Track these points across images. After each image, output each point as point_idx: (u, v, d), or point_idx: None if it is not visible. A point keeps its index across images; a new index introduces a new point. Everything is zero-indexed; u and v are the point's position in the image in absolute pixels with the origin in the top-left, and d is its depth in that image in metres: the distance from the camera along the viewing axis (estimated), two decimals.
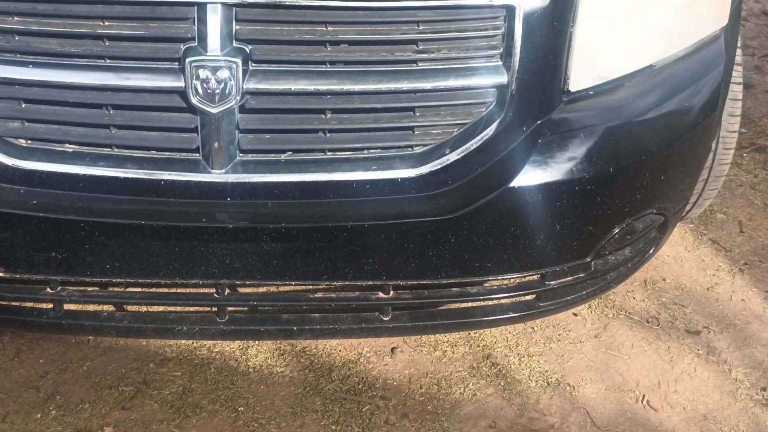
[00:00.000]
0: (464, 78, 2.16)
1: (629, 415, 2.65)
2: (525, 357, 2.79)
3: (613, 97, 2.29)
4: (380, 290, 2.31)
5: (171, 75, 2.08)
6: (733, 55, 2.51)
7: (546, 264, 2.34)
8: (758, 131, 3.79)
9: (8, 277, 2.24)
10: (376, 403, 2.64)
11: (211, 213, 2.18)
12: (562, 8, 2.16)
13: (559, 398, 2.68)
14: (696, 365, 2.80)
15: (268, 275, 2.26)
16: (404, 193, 2.20)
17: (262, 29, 2.09)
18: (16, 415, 2.56)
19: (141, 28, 2.08)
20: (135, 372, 2.69)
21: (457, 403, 2.66)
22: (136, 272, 2.23)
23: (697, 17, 2.38)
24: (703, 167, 2.66)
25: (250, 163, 2.17)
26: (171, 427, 2.55)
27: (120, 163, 2.16)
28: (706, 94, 2.40)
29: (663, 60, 2.33)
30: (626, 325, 2.91)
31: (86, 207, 2.16)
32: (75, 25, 2.07)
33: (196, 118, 2.11)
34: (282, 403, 2.63)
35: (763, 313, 2.98)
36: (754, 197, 3.45)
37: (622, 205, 2.35)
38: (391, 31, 2.12)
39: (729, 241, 3.24)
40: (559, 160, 2.22)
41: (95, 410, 2.59)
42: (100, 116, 2.13)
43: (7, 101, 2.14)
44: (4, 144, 2.15)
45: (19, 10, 2.07)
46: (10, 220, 2.16)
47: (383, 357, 2.76)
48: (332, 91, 2.13)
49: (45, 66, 2.10)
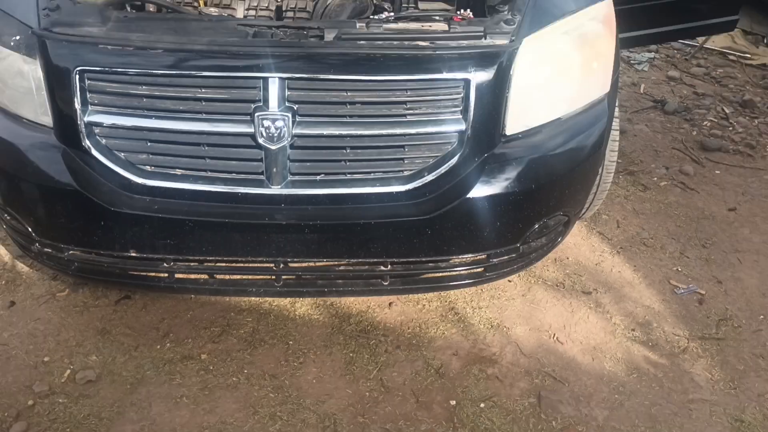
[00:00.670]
0: (437, 126, 2.16)
1: (545, 347, 2.64)
2: (477, 309, 2.79)
3: (535, 138, 2.28)
4: (382, 265, 2.31)
5: (245, 124, 2.09)
6: (612, 112, 2.51)
7: (490, 248, 2.34)
8: (629, 161, 3.78)
9: (139, 256, 2.25)
10: (378, 339, 2.63)
11: (271, 214, 2.18)
12: (501, 81, 2.16)
13: (499, 336, 2.68)
14: (588, 314, 2.79)
15: (308, 255, 2.26)
16: (398, 201, 2.20)
17: (305, 94, 2.09)
18: (144, 346, 2.57)
19: (226, 93, 2.09)
20: (221, 318, 2.68)
21: (432, 338, 2.65)
22: (222, 253, 2.25)
23: (589, 87, 2.37)
24: (594, 184, 2.66)
25: (297, 181, 2.17)
26: (245, 354, 2.55)
27: (212, 182, 2.16)
28: (595, 136, 2.39)
29: (567, 114, 2.33)
30: (543, 287, 2.90)
31: (190, 210, 2.17)
32: (182, 91, 2.09)
33: (261, 152, 2.12)
34: (317, 338, 2.63)
35: (632, 281, 2.97)
36: (626, 204, 3.45)
37: (540, 209, 2.34)
38: (389, 95, 2.13)
39: (610, 233, 3.24)
40: (499, 180, 2.21)
41: (195, 343, 2.58)
42: (198, 151, 2.14)
43: (138, 141, 2.15)
44: (137, 169, 2.16)
45: (146, 81, 2.08)
46: (140, 220, 2.16)
47: (384, 308, 2.76)
48: (350, 134, 2.13)
49: (163, 118, 2.11)
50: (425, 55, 2.09)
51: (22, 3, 2.17)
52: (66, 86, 2.07)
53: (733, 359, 2.63)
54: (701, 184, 3.66)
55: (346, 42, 2.10)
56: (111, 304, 2.72)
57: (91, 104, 2.10)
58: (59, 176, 2.15)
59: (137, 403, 2.37)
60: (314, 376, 2.48)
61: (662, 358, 2.62)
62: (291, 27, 2.17)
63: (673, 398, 2.47)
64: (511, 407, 2.41)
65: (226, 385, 2.44)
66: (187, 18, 2.29)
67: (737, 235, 3.28)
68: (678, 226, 3.32)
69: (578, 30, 2.31)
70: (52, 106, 2.13)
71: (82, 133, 2.11)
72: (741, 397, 2.49)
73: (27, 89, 2.14)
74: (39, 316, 2.66)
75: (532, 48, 2.19)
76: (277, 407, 2.37)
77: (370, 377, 2.49)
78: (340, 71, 2.08)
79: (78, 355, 2.52)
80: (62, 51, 2.07)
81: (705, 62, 5.12)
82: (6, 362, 2.48)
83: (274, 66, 2.04)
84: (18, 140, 2.18)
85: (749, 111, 4.45)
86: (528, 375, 2.53)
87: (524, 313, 2.78)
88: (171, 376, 2.46)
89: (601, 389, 2.49)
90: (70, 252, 2.29)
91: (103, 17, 2.11)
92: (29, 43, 2.10)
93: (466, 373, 2.52)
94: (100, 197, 2.13)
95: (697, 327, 2.76)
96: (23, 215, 2.27)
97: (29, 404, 2.34)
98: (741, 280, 3.01)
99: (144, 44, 2.05)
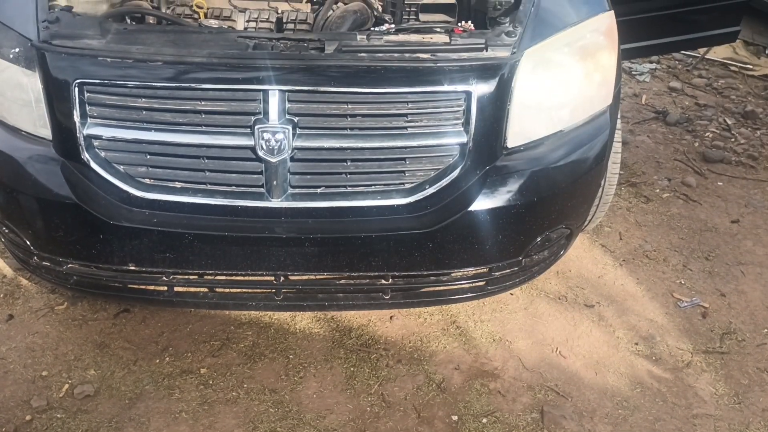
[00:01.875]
0: (438, 139, 2.15)
1: (548, 361, 2.63)
2: (478, 322, 2.77)
3: (536, 151, 2.27)
4: (383, 278, 2.30)
5: (245, 136, 2.08)
6: (615, 123, 2.50)
7: (492, 261, 2.32)
8: (631, 173, 3.77)
9: (138, 270, 2.23)
10: (380, 353, 2.62)
11: (271, 227, 2.16)
12: (502, 93, 2.15)
13: (501, 350, 2.66)
14: (591, 328, 2.78)
15: (309, 268, 2.25)
16: (398, 214, 2.19)
17: (305, 106, 2.09)
18: (143, 360, 2.55)
19: (226, 105, 2.08)
20: (221, 332, 2.67)
21: (433, 352, 2.64)
22: (222, 266, 2.22)
23: (591, 99, 2.36)
24: (596, 197, 2.65)
25: (297, 194, 2.15)
26: (244, 369, 2.53)
27: (211, 195, 2.15)
28: (597, 149, 2.38)
29: (569, 127, 2.32)
30: (545, 301, 2.89)
31: (189, 223, 2.15)
32: (182, 103, 2.08)
33: (261, 165, 2.11)
34: (318, 352, 2.61)
35: (635, 294, 2.96)
36: (628, 216, 3.44)
37: (542, 222, 2.33)
38: (390, 108, 2.12)
39: (612, 246, 3.22)
40: (501, 192, 2.20)
41: (194, 357, 2.57)
42: (198, 164, 2.13)
43: (137, 154, 2.13)
44: (136, 182, 2.14)
45: (145, 94, 2.07)
46: (139, 233, 2.15)
47: (385, 322, 2.74)
48: (351, 147, 2.12)
49: (162, 131, 2.10)
50: (426, 68, 2.08)
51: (21, 15, 2.17)
52: (65, 99, 2.06)
53: (737, 373, 2.61)
54: (704, 195, 3.65)
55: (347, 54, 2.09)
56: (110, 318, 2.71)
57: (91, 117, 2.09)
58: (58, 189, 2.14)
59: (136, 418, 2.35)
60: (315, 391, 2.46)
61: (666, 372, 2.60)
62: (291, 39, 2.16)
63: (677, 413, 2.45)
64: (514, 422, 2.39)
65: (226, 399, 2.42)
66: (187, 30, 2.28)
67: (740, 248, 3.26)
68: (681, 239, 3.30)
69: (580, 42, 2.31)
70: (51, 118, 2.12)
71: (81, 146, 2.10)
72: (745, 412, 2.46)
73: (26, 101, 2.13)
74: (37, 329, 2.65)
75: (534, 60, 2.19)
76: (277, 422, 2.35)
77: (371, 392, 2.47)
78: (340, 83, 2.07)
79: (76, 370, 2.50)
80: (61, 63, 2.06)
81: (706, 73, 5.12)
82: (4, 376, 2.46)
83: (275, 78, 2.03)
84: (16, 153, 2.17)
85: (751, 122, 4.44)
86: (530, 389, 2.50)
87: (526, 326, 2.76)
88: (170, 391, 2.44)
89: (604, 404, 2.47)
90: (68, 265, 2.28)
91: (102, 30, 2.11)
92: (28, 55, 2.09)
93: (468, 388, 2.50)
94: (98, 210, 2.12)
95: (701, 341, 2.74)
96: (21, 228, 2.25)
97: (27, 419, 2.32)
98: (744, 293, 2.99)
99: (144, 57, 2.04)
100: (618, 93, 2.49)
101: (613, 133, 2.51)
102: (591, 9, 2.39)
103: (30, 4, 2.17)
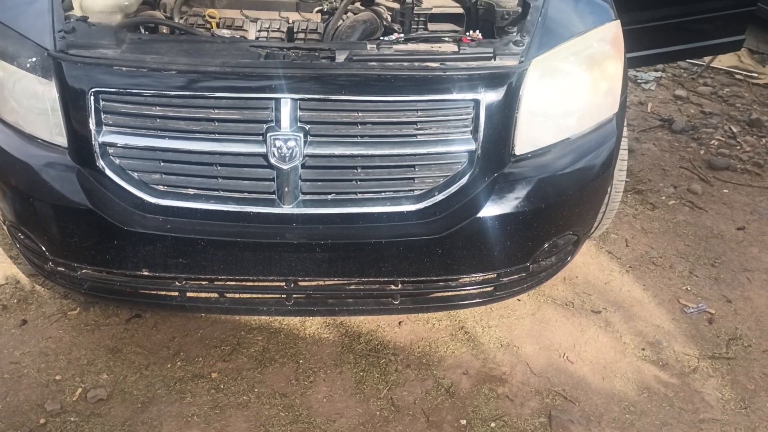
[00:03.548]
0: (447, 146, 2.18)
1: (555, 366, 2.64)
2: (486, 328, 2.78)
3: (544, 158, 2.29)
4: (392, 284, 2.31)
5: (257, 144, 2.10)
6: (621, 131, 2.52)
7: (500, 267, 2.34)
8: (637, 180, 3.78)
9: (151, 275, 2.25)
10: (389, 358, 2.63)
11: (282, 233, 2.19)
12: (510, 102, 2.17)
13: (509, 355, 2.68)
14: (598, 333, 2.79)
15: (319, 274, 2.26)
16: (408, 220, 2.21)
17: (317, 114, 2.11)
18: (155, 365, 2.57)
19: (239, 113, 2.10)
20: (232, 337, 2.69)
21: (442, 357, 2.65)
22: (234, 271, 2.24)
23: (598, 107, 2.38)
24: (603, 204, 2.66)
25: (308, 201, 2.18)
26: (255, 373, 2.55)
27: (224, 201, 2.17)
28: (604, 156, 2.39)
29: (576, 134, 2.34)
30: (552, 307, 2.90)
31: (202, 229, 2.18)
32: (196, 112, 2.10)
33: (273, 172, 2.13)
34: (328, 357, 2.63)
35: (642, 300, 2.97)
36: (635, 223, 3.45)
37: (549, 228, 2.34)
38: (399, 115, 2.14)
39: (619, 252, 3.24)
40: (509, 199, 2.22)
41: (206, 362, 2.59)
42: (211, 171, 2.15)
43: (151, 161, 2.16)
44: (150, 189, 2.17)
45: (159, 102, 2.10)
46: (152, 239, 2.17)
47: (393, 327, 2.76)
48: (361, 154, 2.15)
49: (176, 138, 2.12)
50: (435, 76, 2.11)
51: (37, 25, 2.20)
52: (81, 107, 2.10)
53: (744, 379, 2.62)
54: (709, 203, 3.66)
55: (357, 63, 2.12)
56: (122, 323, 2.73)
57: (106, 125, 2.12)
58: (73, 196, 2.16)
59: (148, 421, 2.37)
60: (325, 395, 2.48)
61: (673, 377, 2.61)
62: (302, 48, 2.19)
63: (683, 418, 2.46)
64: (522, 427, 2.40)
65: (237, 403, 2.44)
66: (200, 40, 2.32)
67: (746, 254, 3.27)
68: (687, 245, 3.31)
69: (587, 51, 2.33)
70: (66, 126, 2.15)
71: (96, 153, 2.13)
72: (752, 417, 2.47)
73: (42, 110, 2.17)
74: (50, 334, 2.67)
75: (541, 69, 2.21)
76: (288, 426, 2.37)
77: (381, 396, 2.49)
78: (351, 92, 2.09)
79: (89, 374, 2.53)
80: (77, 72, 2.10)
81: (712, 81, 5.13)
82: (18, 381, 2.49)
83: (286, 87, 2.05)
84: (32, 160, 2.20)
85: (756, 130, 4.45)
86: (538, 394, 2.52)
87: (534, 332, 2.78)
88: (182, 395, 2.46)
89: (611, 409, 2.48)
90: (82, 271, 2.31)
91: (117, 39, 2.14)
92: (45, 64, 2.13)
93: (477, 393, 2.51)
94: (113, 216, 2.14)
95: (707, 346, 2.75)
96: (37, 234, 2.28)
97: (41, 423, 2.34)
98: (751, 299, 3.00)
99: (158, 66, 2.07)
100: (624, 101, 2.51)
101: (620, 141, 2.53)
102: (597, 18, 2.41)
103: (46, 15, 2.21)
